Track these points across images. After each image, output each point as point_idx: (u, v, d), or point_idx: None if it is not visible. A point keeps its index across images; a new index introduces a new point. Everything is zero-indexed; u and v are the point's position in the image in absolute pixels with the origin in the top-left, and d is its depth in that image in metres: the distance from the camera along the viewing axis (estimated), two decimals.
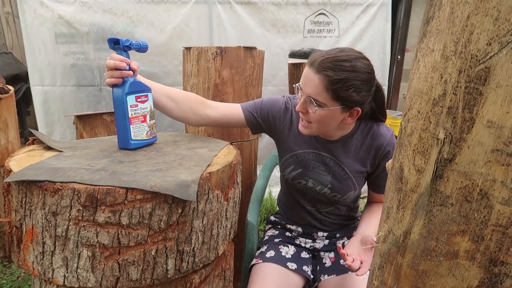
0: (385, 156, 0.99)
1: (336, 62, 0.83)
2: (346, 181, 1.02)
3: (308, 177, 1.05)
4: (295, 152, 1.06)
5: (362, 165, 1.01)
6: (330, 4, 2.36)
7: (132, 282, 0.66)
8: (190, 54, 1.44)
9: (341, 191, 1.03)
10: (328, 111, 0.87)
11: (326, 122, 0.90)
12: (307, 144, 1.04)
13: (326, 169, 1.03)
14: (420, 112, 0.39)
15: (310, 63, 0.87)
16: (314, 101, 0.86)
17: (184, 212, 0.68)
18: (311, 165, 1.05)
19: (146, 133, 0.89)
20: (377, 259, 0.49)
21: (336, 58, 0.83)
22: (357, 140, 1.00)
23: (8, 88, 1.43)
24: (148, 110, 0.88)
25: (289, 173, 1.08)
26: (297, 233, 1.18)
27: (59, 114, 2.33)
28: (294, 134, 1.05)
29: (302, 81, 0.89)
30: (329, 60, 0.83)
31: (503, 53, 0.30)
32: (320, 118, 0.88)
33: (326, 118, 0.89)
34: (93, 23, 2.20)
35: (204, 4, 2.26)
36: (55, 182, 0.62)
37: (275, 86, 2.46)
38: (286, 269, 1.03)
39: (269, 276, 1.00)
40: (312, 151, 1.04)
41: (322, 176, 1.04)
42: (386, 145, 0.98)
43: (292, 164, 1.07)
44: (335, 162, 1.02)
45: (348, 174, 1.02)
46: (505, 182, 0.33)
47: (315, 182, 1.05)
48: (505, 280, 0.36)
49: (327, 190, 1.04)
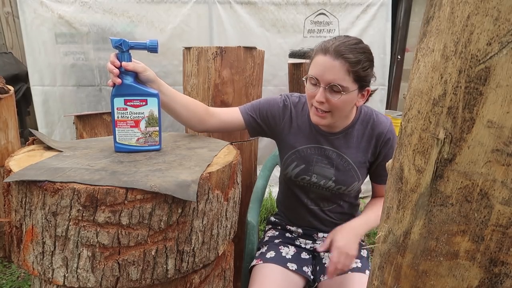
0: (385, 143, 1.02)
1: (350, 46, 0.88)
2: (350, 172, 1.03)
3: (312, 172, 1.06)
4: (297, 149, 1.06)
5: (364, 155, 1.03)
6: (330, 4, 2.36)
7: (132, 282, 0.66)
8: (190, 54, 1.44)
9: (346, 183, 1.04)
10: (350, 94, 0.90)
11: (345, 107, 0.93)
12: (309, 139, 1.05)
13: (329, 162, 1.04)
14: (420, 112, 0.39)
15: (323, 52, 0.89)
16: (338, 86, 0.88)
17: (184, 212, 0.68)
18: (313, 159, 1.05)
19: (137, 140, 0.83)
20: (377, 259, 0.49)
21: (349, 43, 0.88)
22: (358, 131, 1.03)
23: (8, 88, 1.43)
24: (144, 116, 0.82)
25: (292, 170, 1.08)
26: (297, 234, 1.18)
27: (59, 114, 2.33)
28: (294, 130, 1.06)
29: (320, 70, 0.89)
30: (343, 45, 0.87)
31: (503, 53, 0.30)
32: (342, 103, 0.91)
33: (346, 103, 0.92)
34: (93, 23, 2.20)
35: (204, 4, 2.25)
36: (55, 182, 0.62)
37: (275, 86, 2.45)
38: (286, 269, 1.03)
39: (269, 276, 1.00)
40: (314, 146, 1.05)
41: (326, 170, 1.04)
42: (386, 133, 1.01)
43: (295, 161, 1.07)
44: (338, 154, 1.03)
45: (352, 165, 1.03)
46: (505, 182, 0.33)
47: (319, 176, 1.05)
48: (505, 280, 0.36)
49: (332, 184, 1.05)
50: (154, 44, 0.82)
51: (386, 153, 1.03)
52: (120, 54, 0.81)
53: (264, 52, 1.59)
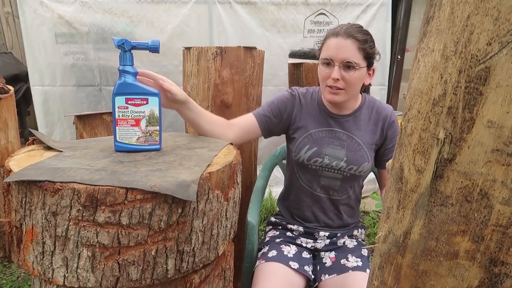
0: (390, 126, 1.12)
1: (357, 28, 1.01)
2: (360, 151, 1.09)
3: (324, 154, 1.11)
4: (309, 132, 1.13)
5: (372, 136, 1.11)
6: (330, 4, 2.36)
7: (132, 282, 0.66)
8: (190, 54, 1.44)
9: (357, 163, 1.09)
10: (361, 71, 1.01)
11: (357, 83, 1.03)
12: (320, 123, 1.13)
13: (340, 144, 1.10)
14: (420, 112, 0.39)
15: (335, 35, 1.01)
16: (353, 63, 0.98)
17: (184, 212, 0.68)
18: (325, 142, 1.11)
19: (137, 139, 0.83)
20: (377, 259, 0.49)
21: (355, 25, 1.02)
22: (365, 114, 1.12)
23: (8, 88, 1.43)
24: (146, 115, 0.82)
25: (305, 153, 1.12)
26: (298, 233, 1.18)
27: (59, 114, 2.33)
28: (305, 116, 1.15)
29: (332, 51, 1.00)
30: (351, 27, 1.00)
31: (503, 53, 0.30)
32: (355, 80, 1.01)
33: (358, 79, 1.02)
34: (93, 23, 2.20)
35: (204, 4, 2.25)
36: (55, 182, 0.62)
37: (275, 86, 2.45)
38: (288, 268, 1.04)
39: (273, 275, 1.00)
40: (325, 129, 1.12)
41: (337, 151, 1.10)
42: (390, 116, 1.12)
43: (307, 144, 1.12)
44: (348, 135, 1.10)
45: (361, 145, 1.09)
46: (505, 182, 0.33)
47: (331, 158, 1.10)
48: (505, 280, 0.36)
49: (343, 164, 1.09)
50: (156, 44, 0.83)
51: (392, 135, 1.11)
52: (122, 53, 0.81)
53: (264, 52, 1.59)
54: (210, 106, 1.48)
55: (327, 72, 1.01)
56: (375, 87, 2.51)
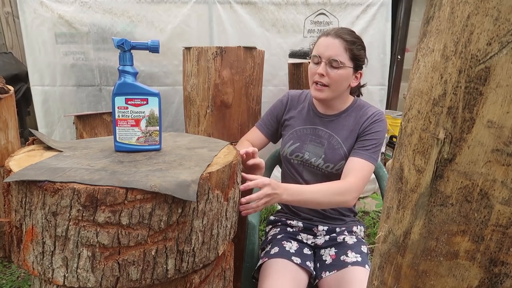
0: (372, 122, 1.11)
1: (347, 30, 1.08)
2: (339, 150, 1.13)
3: (305, 150, 1.17)
4: (295, 129, 1.21)
5: (353, 136, 1.14)
6: (330, 4, 2.36)
7: (132, 282, 0.66)
8: (190, 54, 1.44)
9: (333, 161, 1.13)
10: (345, 70, 1.06)
11: (342, 82, 1.08)
12: (306, 121, 1.20)
13: (320, 141, 1.16)
14: (420, 112, 0.39)
15: (325, 34, 1.07)
16: (338, 61, 1.04)
17: (184, 212, 0.68)
18: (308, 138, 1.18)
19: (137, 139, 0.83)
20: (377, 259, 0.49)
21: (346, 28, 1.09)
22: (351, 116, 1.16)
23: (8, 88, 1.43)
24: (146, 115, 0.82)
25: (288, 147, 1.20)
26: (298, 228, 1.20)
27: (59, 114, 2.33)
28: (295, 115, 1.23)
29: (321, 49, 1.06)
30: (342, 30, 1.07)
31: (503, 53, 0.30)
32: (339, 77, 1.06)
33: (342, 78, 1.07)
34: (93, 23, 2.19)
35: (204, 4, 2.25)
36: (55, 182, 0.62)
37: (275, 86, 2.45)
38: (292, 263, 1.05)
39: (278, 270, 1.02)
40: (310, 127, 1.19)
41: (317, 148, 1.16)
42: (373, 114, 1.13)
43: (291, 139, 1.20)
44: (330, 134, 1.15)
45: (341, 144, 1.13)
46: (505, 182, 0.33)
47: (311, 154, 1.16)
48: (505, 280, 0.36)
49: (321, 161, 1.14)
50: (155, 44, 0.82)
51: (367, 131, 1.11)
52: (121, 54, 0.81)
53: (264, 52, 1.59)
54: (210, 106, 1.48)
55: (315, 69, 1.08)
56: (375, 87, 2.51)
